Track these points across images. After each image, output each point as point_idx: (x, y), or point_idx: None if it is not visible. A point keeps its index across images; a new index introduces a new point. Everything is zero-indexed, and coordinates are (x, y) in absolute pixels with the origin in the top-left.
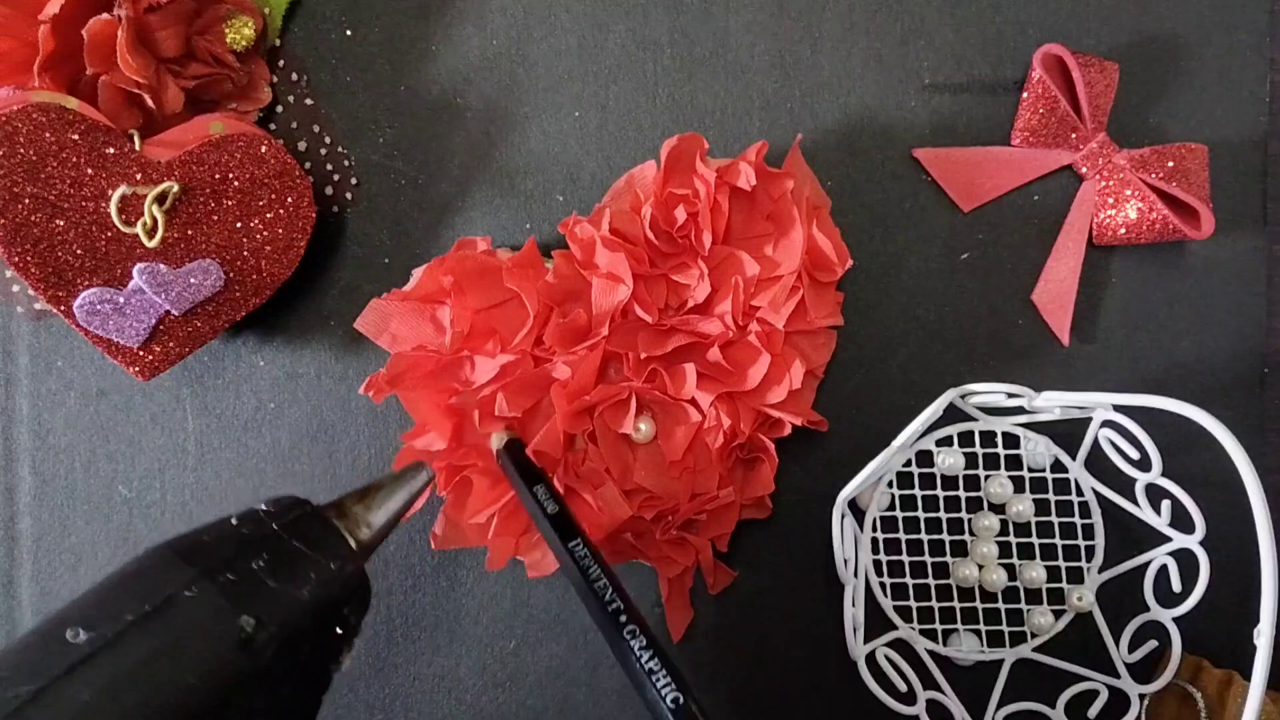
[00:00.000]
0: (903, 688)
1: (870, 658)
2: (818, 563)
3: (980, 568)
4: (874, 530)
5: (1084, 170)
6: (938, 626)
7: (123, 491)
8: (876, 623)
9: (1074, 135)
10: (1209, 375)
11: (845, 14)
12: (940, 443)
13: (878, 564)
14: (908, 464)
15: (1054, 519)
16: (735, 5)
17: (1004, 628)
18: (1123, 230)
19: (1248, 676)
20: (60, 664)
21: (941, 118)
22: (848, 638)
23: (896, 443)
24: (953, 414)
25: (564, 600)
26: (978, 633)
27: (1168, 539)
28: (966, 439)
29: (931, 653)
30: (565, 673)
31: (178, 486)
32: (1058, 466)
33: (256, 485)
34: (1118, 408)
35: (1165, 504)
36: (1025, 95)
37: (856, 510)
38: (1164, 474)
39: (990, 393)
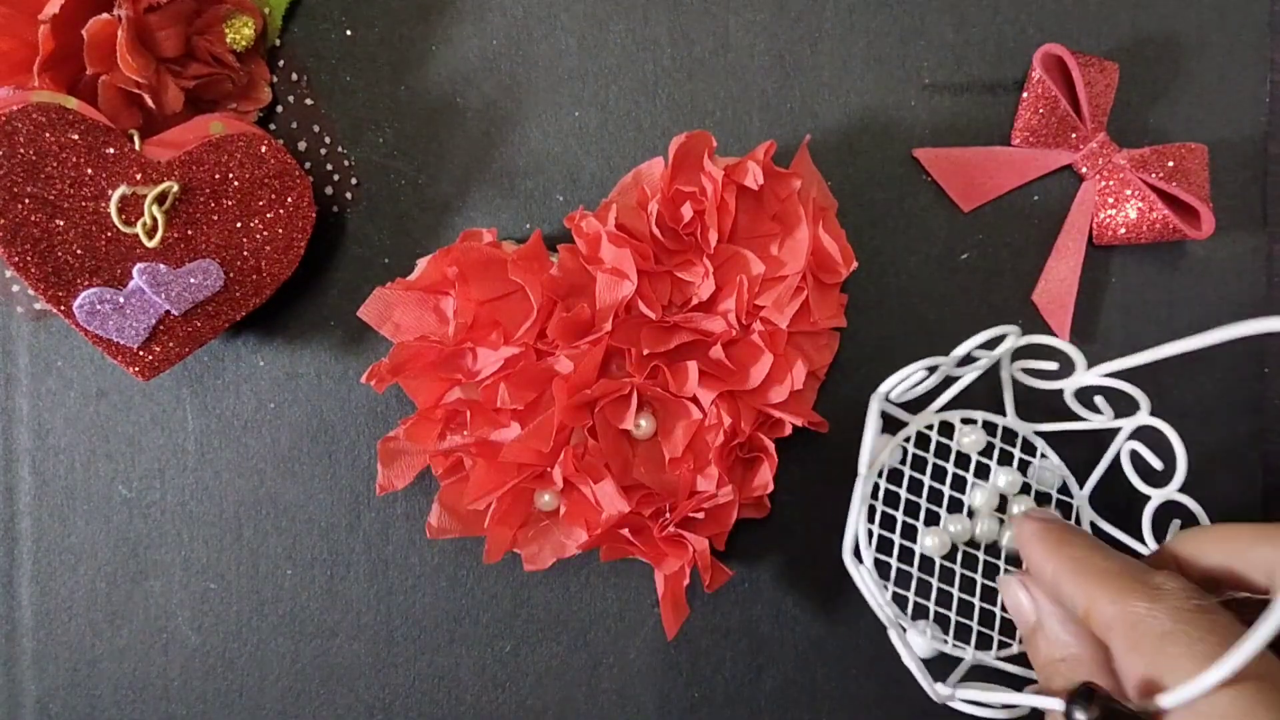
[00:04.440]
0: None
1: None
2: (816, 562)
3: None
4: (879, 477)
5: (1084, 170)
6: (911, 596)
7: (123, 491)
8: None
9: (1074, 135)
10: (1209, 375)
11: (845, 14)
12: (966, 421)
13: (871, 510)
14: (929, 426)
15: None
16: (735, 5)
17: (973, 624)
18: (1123, 230)
19: None
20: None
21: (941, 118)
22: (847, 533)
23: (955, 354)
24: (984, 400)
25: (564, 600)
26: (946, 621)
27: None
28: (990, 429)
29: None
30: (565, 673)
31: (178, 486)
32: (1063, 490)
33: (256, 485)
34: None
35: (1175, 523)
36: (1025, 95)
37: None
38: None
39: (1047, 347)
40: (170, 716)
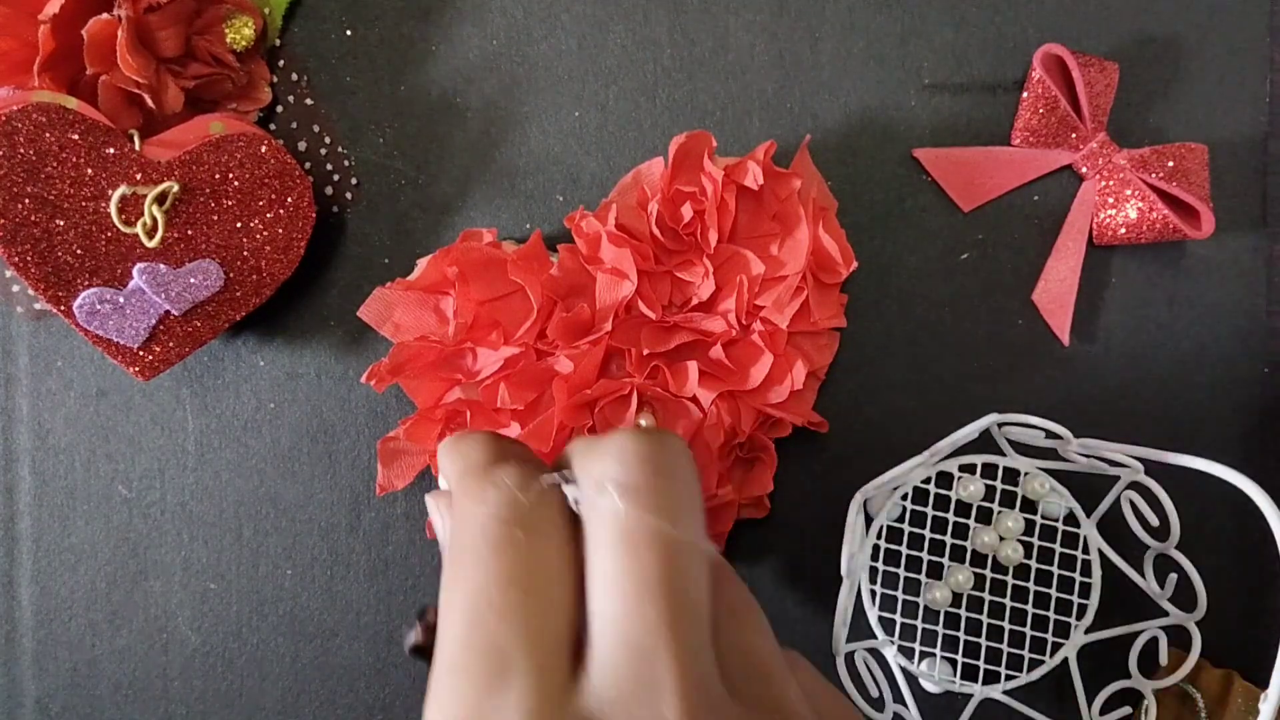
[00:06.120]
0: (874, 694)
1: (852, 660)
2: (815, 562)
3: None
4: (878, 537)
5: (1084, 170)
6: (916, 646)
7: (123, 491)
8: (867, 627)
9: (1074, 135)
10: (1209, 375)
11: (845, 14)
12: (964, 468)
13: (874, 570)
14: (926, 479)
15: (1054, 569)
16: (735, 5)
17: (980, 664)
18: (1123, 230)
19: (1248, 677)
20: None
21: (941, 118)
22: (835, 631)
23: (927, 453)
24: (981, 440)
25: None
26: (953, 662)
27: (1165, 612)
28: (989, 470)
29: (905, 670)
30: None
31: (178, 486)
32: (1070, 519)
33: (256, 485)
34: (1148, 466)
35: (1171, 576)
36: (1025, 95)
37: (866, 513)
38: (1180, 541)
39: (1029, 427)
40: (170, 716)
